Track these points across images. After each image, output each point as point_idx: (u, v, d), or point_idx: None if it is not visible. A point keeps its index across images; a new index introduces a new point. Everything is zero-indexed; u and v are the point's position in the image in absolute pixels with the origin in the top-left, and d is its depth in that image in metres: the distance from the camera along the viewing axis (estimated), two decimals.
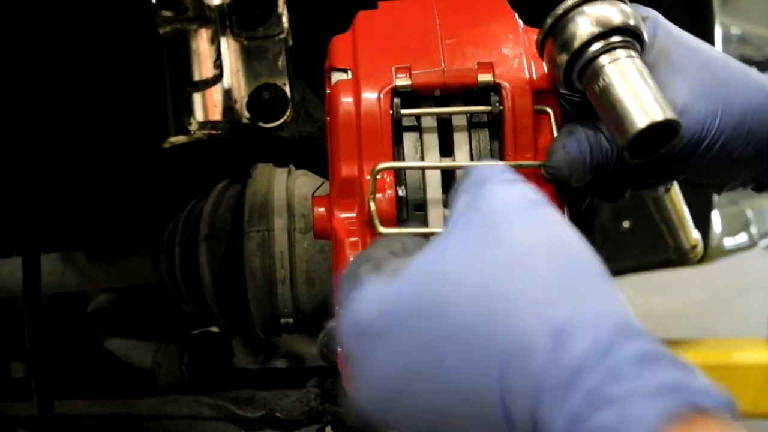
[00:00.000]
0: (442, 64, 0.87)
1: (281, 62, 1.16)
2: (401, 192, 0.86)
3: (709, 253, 1.79)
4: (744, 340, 2.14)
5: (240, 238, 1.12)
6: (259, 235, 1.10)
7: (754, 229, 2.07)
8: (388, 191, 0.85)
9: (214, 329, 1.45)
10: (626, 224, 1.81)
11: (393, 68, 0.87)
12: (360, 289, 0.64)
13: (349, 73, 0.88)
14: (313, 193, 1.10)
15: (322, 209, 0.91)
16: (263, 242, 1.10)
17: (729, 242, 1.91)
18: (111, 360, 1.41)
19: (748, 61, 0.90)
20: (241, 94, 1.16)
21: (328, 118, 0.89)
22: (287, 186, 1.13)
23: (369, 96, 0.86)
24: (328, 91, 0.92)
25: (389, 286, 0.62)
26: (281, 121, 1.15)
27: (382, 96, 0.85)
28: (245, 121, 1.15)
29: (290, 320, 1.13)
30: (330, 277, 1.11)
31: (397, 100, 0.86)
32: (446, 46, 0.88)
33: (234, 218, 1.15)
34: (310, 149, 1.19)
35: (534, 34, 0.90)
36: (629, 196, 0.95)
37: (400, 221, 0.85)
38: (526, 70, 0.87)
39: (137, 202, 1.45)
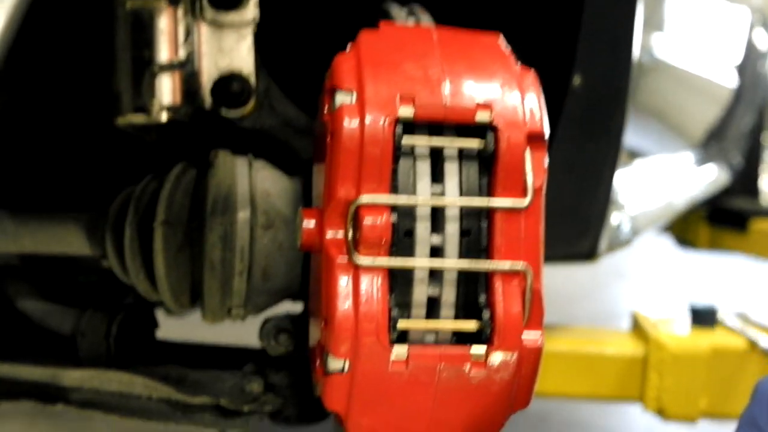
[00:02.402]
0: (444, 99, 0.91)
1: (248, 51, 1.16)
2: (393, 218, 0.90)
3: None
4: (608, 331, 2.28)
5: (200, 228, 1.12)
6: (222, 228, 1.11)
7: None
8: (384, 216, 0.89)
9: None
10: None
11: (397, 97, 0.90)
12: None
13: (354, 95, 0.91)
14: (302, 208, 1.10)
15: (312, 223, 0.93)
16: (225, 235, 1.11)
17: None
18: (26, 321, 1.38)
19: None
20: (206, 80, 1.15)
21: (327, 138, 0.92)
22: (250, 180, 1.14)
23: (374, 123, 0.89)
24: (325, 107, 0.95)
25: None
26: (244, 110, 1.16)
27: (386, 125, 0.89)
28: (207, 107, 1.15)
29: (240, 311, 1.15)
30: (286, 272, 1.14)
31: (399, 130, 0.89)
32: (448, 79, 0.92)
33: (192, 206, 1.15)
34: (269, 141, 1.20)
35: (529, 75, 0.96)
36: None
37: (392, 245, 0.90)
38: (521, 113, 0.92)
39: (73, 168, 1.41)
